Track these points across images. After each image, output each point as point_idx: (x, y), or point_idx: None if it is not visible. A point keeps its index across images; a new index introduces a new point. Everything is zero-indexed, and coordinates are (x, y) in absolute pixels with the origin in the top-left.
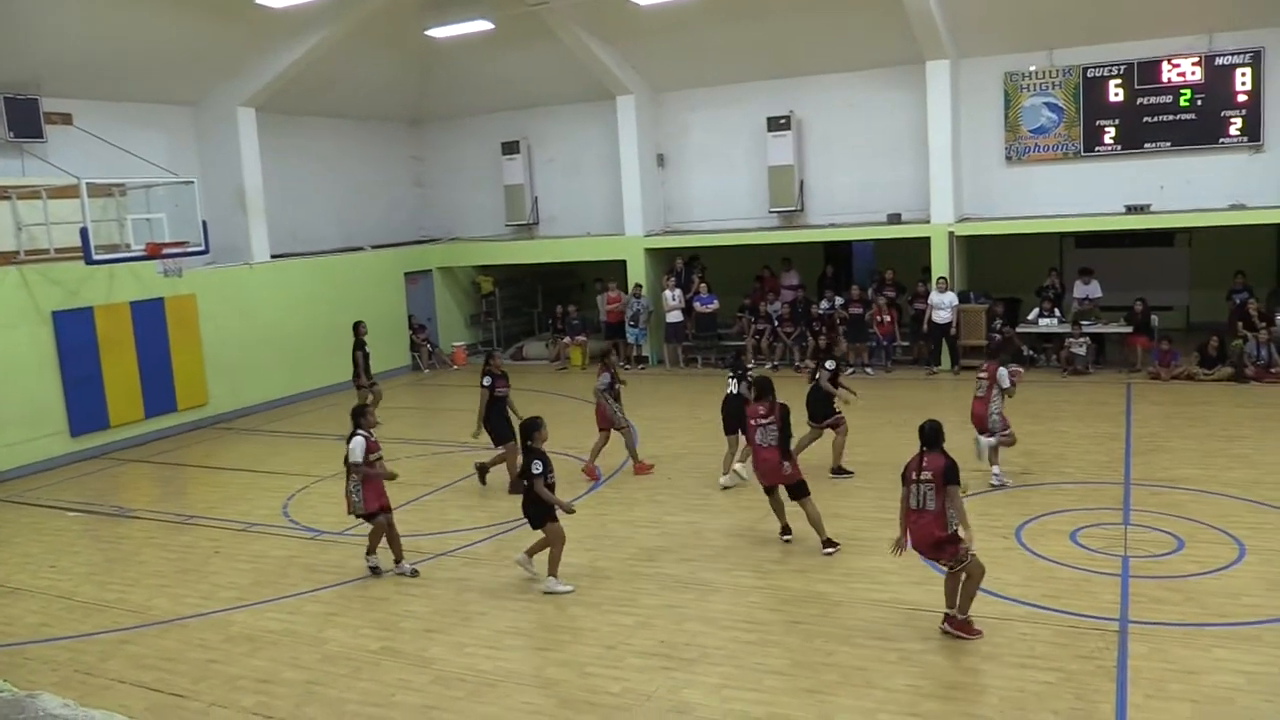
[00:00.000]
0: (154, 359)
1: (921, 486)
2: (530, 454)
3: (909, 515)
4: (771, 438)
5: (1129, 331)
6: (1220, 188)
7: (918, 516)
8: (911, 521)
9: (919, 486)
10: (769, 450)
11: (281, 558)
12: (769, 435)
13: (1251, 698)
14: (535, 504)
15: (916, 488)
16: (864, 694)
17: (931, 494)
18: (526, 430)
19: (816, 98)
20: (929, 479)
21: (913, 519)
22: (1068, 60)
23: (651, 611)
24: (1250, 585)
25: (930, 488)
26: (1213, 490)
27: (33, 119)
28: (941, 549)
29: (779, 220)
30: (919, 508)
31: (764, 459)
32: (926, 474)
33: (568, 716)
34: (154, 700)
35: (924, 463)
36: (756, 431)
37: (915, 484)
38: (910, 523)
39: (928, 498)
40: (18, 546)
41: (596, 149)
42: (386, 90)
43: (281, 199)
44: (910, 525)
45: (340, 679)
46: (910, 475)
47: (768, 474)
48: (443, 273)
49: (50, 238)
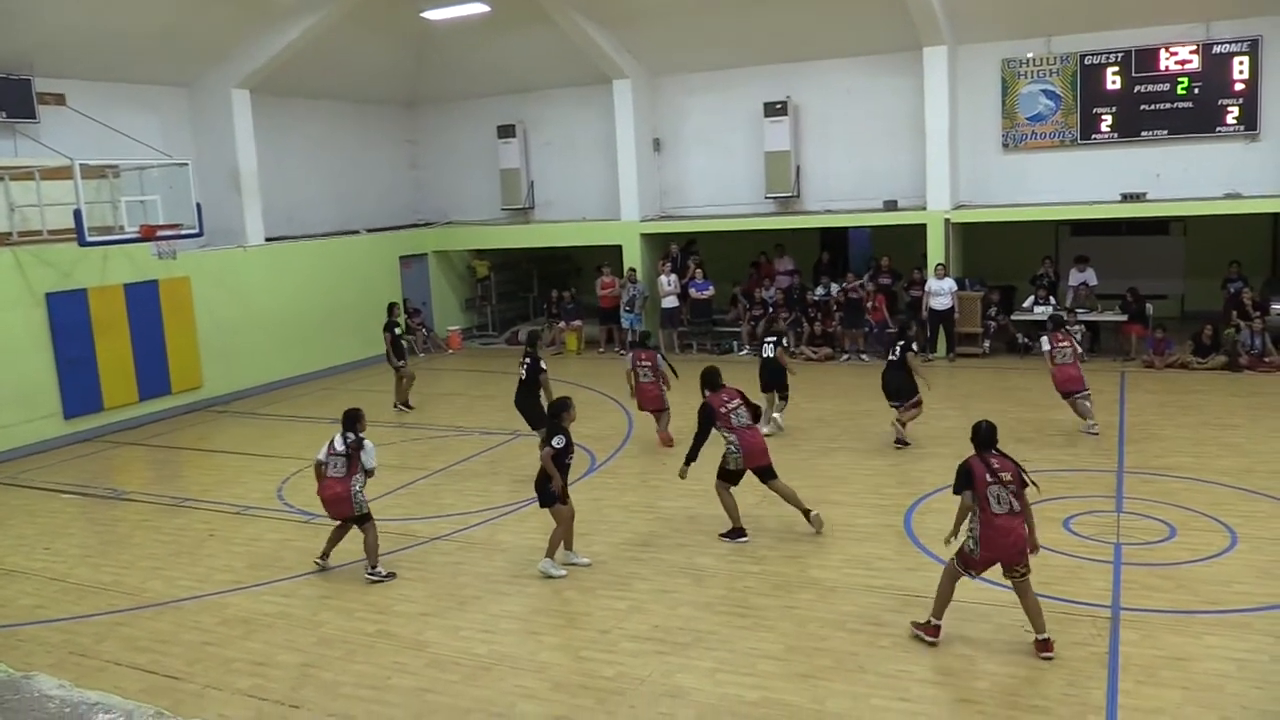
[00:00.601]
0: (148, 341)
1: (1006, 490)
2: (554, 430)
3: (993, 519)
4: (745, 419)
5: (1123, 320)
6: (1216, 176)
7: (1007, 521)
8: (999, 528)
9: (1002, 489)
10: (750, 431)
11: (276, 541)
12: (743, 418)
13: (1242, 684)
14: (545, 480)
15: (1001, 490)
16: (857, 679)
17: (1016, 498)
18: (556, 409)
19: (814, 83)
20: (1009, 480)
21: (1000, 524)
22: (1065, 47)
23: (646, 596)
24: (1241, 573)
25: (1013, 490)
26: (1205, 478)
27: (26, 99)
28: (1023, 555)
29: (775, 206)
30: (1009, 512)
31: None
32: (1006, 475)
33: (562, 700)
34: (149, 682)
35: (998, 464)
36: (731, 417)
37: (997, 485)
38: (996, 530)
39: (1014, 502)
40: (12, 529)
41: (593, 133)
42: (382, 73)
43: (276, 182)
44: (994, 533)
45: (335, 662)
46: (985, 479)
47: (757, 456)
48: (438, 256)
49: (43, 219)
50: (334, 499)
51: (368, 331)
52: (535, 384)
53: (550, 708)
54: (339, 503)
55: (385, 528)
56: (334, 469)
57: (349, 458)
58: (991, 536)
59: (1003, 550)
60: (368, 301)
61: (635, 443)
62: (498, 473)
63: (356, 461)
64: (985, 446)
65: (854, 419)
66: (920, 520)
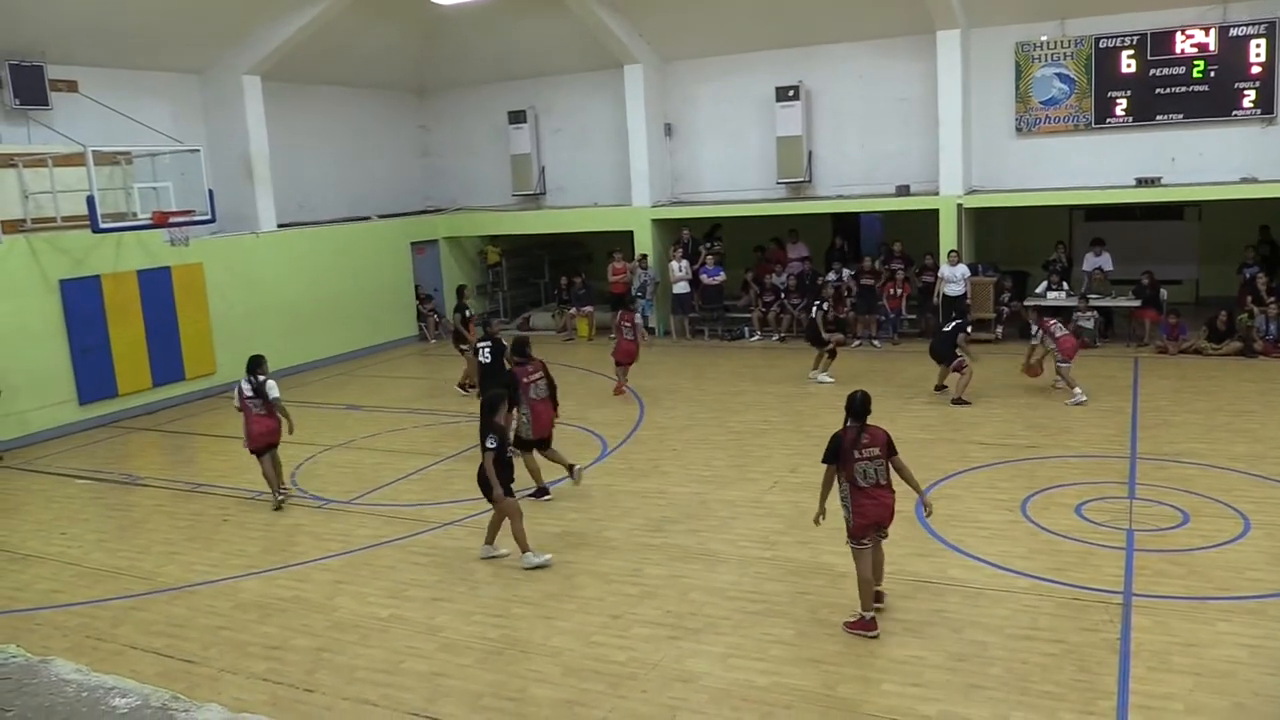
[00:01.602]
0: (162, 327)
1: (872, 464)
2: (487, 428)
3: (860, 492)
4: (543, 392)
5: (1137, 305)
6: (1232, 161)
7: (875, 493)
8: (868, 498)
9: (868, 465)
10: (542, 404)
11: (289, 526)
12: (540, 390)
13: (1254, 671)
14: (485, 478)
15: (867, 466)
16: (868, 664)
17: (883, 469)
18: (490, 404)
19: (826, 68)
20: (877, 454)
21: (868, 495)
22: (1080, 30)
23: (657, 581)
24: (1254, 559)
25: (880, 463)
26: (1218, 465)
27: (38, 86)
28: (892, 517)
29: (787, 191)
30: (874, 484)
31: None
32: (873, 450)
33: (573, 685)
34: (165, 666)
35: (866, 439)
36: (530, 389)
37: (864, 461)
38: (865, 500)
39: (879, 476)
40: (29, 514)
41: (604, 119)
42: (393, 59)
43: (287, 168)
44: (865, 503)
45: (349, 646)
46: (853, 454)
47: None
48: (449, 242)
49: (57, 206)
50: (267, 431)
51: (379, 317)
52: (500, 367)
53: (562, 692)
54: (270, 434)
55: (399, 513)
56: (257, 409)
57: (263, 398)
58: (863, 506)
59: (874, 516)
60: (379, 287)
61: (647, 428)
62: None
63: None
64: (858, 417)
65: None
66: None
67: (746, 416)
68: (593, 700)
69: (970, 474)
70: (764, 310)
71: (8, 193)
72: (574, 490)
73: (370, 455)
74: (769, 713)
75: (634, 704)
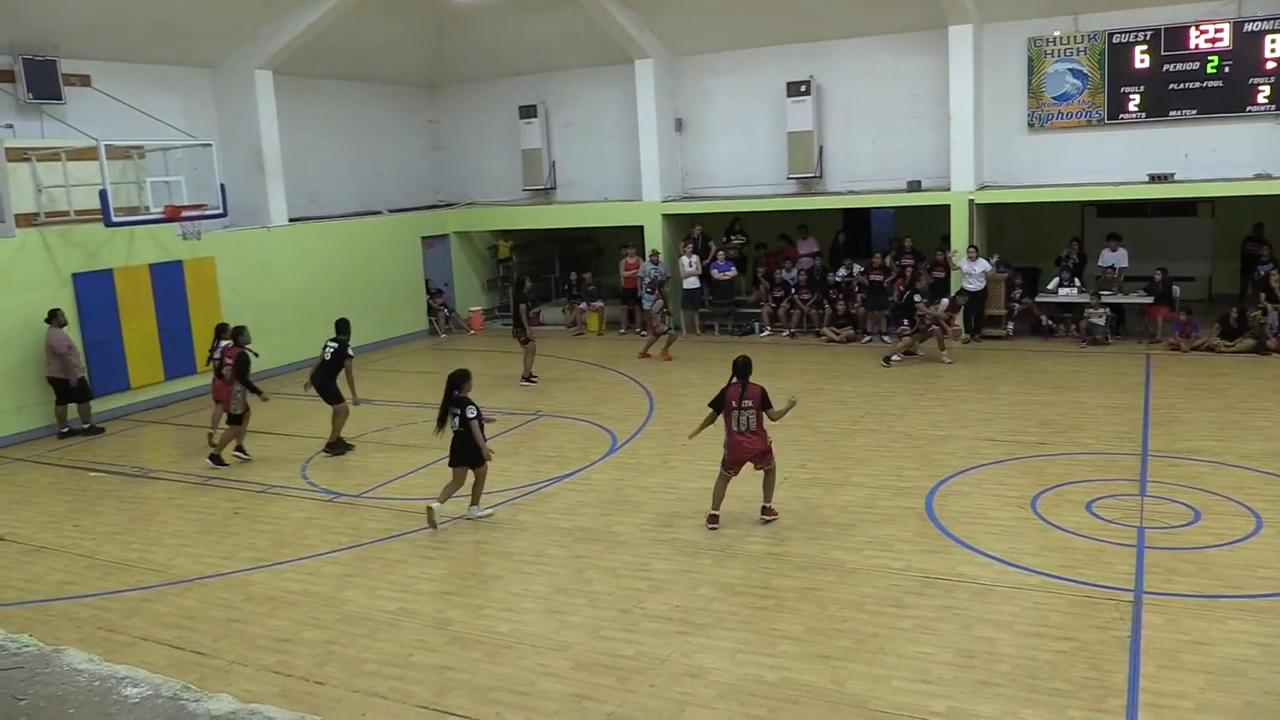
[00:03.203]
0: (174, 321)
1: (744, 413)
2: (463, 401)
3: (734, 436)
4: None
5: (1149, 302)
6: (1246, 157)
7: (743, 438)
8: (738, 442)
9: (741, 413)
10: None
11: (300, 519)
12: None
13: (1265, 669)
14: (472, 445)
15: (740, 414)
16: (877, 660)
17: (754, 417)
18: (456, 380)
19: (837, 63)
20: (749, 406)
21: (738, 439)
22: (1093, 25)
23: (666, 576)
24: (1267, 558)
25: (752, 413)
26: (1230, 462)
27: (51, 80)
28: (763, 458)
29: (798, 187)
30: (745, 430)
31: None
32: (748, 402)
33: (583, 679)
34: (176, 657)
35: (745, 393)
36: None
37: (738, 410)
38: (735, 443)
39: (751, 420)
40: (42, 506)
41: (615, 113)
42: (404, 53)
43: (299, 162)
44: (735, 446)
45: (359, 639)
46: (730, 404)
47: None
48: (460, 237)
49: (70, 200)
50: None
51: (390, 312)
52: (337, 367)
53: (571, 686)
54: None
55: (409, 507)
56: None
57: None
58: (733, 447)
59: (743, 456)
60: (390, 282)
61: (656, 423)
62: (519, 453)
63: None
64: (741, 376)
65: (874, 401)
66: (941, 503)
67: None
68: (602, 694)
69: (980, 470)
70: (774, 306)
71: (21, 187)
72: (583, 485)
73: (380, 449)
74: (777, 708)
75: (643, 698)
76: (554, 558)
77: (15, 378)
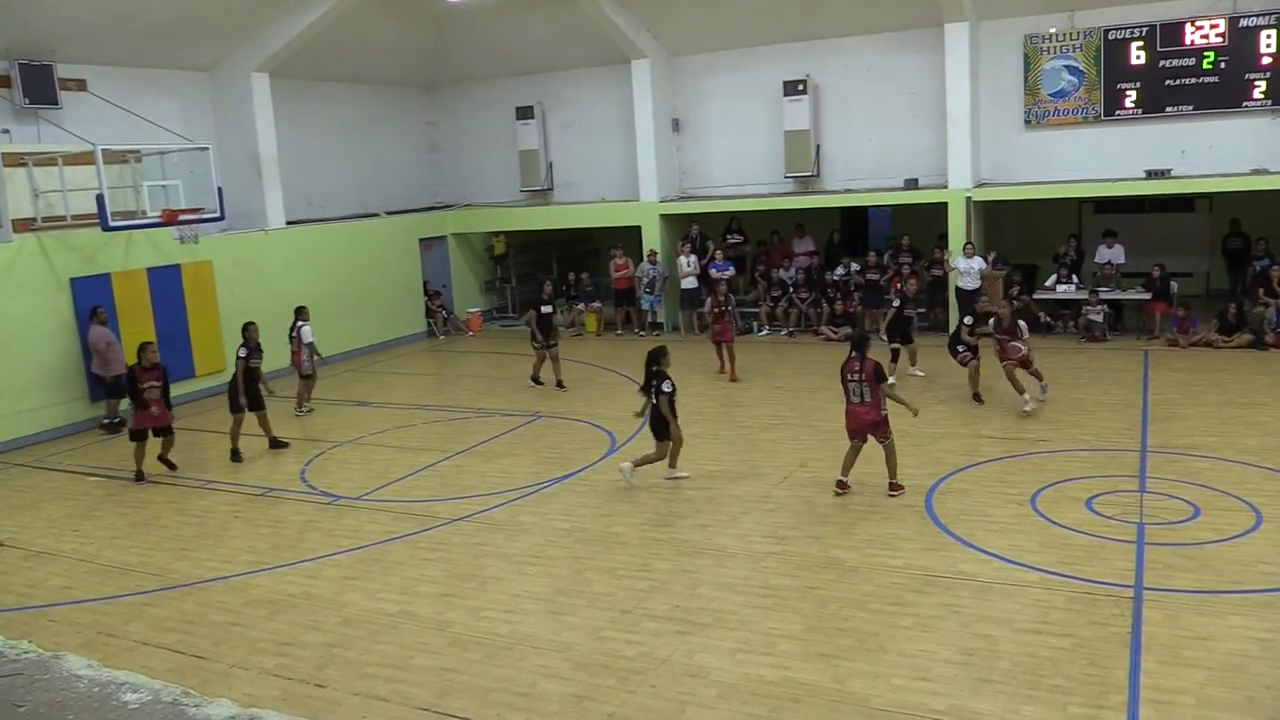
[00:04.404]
0: (171, 325)
1: (860, 384)
2: (660, 376)
3: (851, 406)
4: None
5: (1147, 298)
6: (1242, 152)
7: (858, 408)
8: (852, 412)
9: (857, 384)
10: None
11: (300, 522)
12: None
13: (1265, 664)
14: (661, 419)
15: (856, 385)
16: (878, 659)
17: (868, 389)
18: (655, 356)
19: (834, 61)
20: (865, 378)
21: (852, 409)
22: (1089, 22)
23: (666, 576)
24: (1267, 553)
25: (866, 385)
26: (1230, 458)
27: (48, 85)
28: (877, 429)
29: (795, 185)
30: (860, 401)
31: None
32: (862, 375)
33: (583, 679)
34: (176, 662)
35: (859, 366)
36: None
37: (854, 382)
38: (850, 413)
39: (865, 392)
40: (41, 511)
41: (612, 114)
42: (401, 55)
43: (296, 165)
44: (850, 415)
45: (359, 642)
46: (848, 376)
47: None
48: (457, 239)
49: (67, 205)
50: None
51: (388, 314)
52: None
53: (571, 687)
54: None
55: (409, 509)
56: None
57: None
58: (850, 416)
59: (858, 425)
60: (388, 284)
61: None
62: (519, 454)
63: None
64: (858, 350)
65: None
66: (941, 500)
67: (755, 411)
68: (602, 695)
69: (980, 468)
70: (772, 305)
71: (18, 192)
72: (583, 486)
73: (379, 451)
74: (778, 707)
75: (643, 699)
76: (554, 558)
77: (13, 382)
